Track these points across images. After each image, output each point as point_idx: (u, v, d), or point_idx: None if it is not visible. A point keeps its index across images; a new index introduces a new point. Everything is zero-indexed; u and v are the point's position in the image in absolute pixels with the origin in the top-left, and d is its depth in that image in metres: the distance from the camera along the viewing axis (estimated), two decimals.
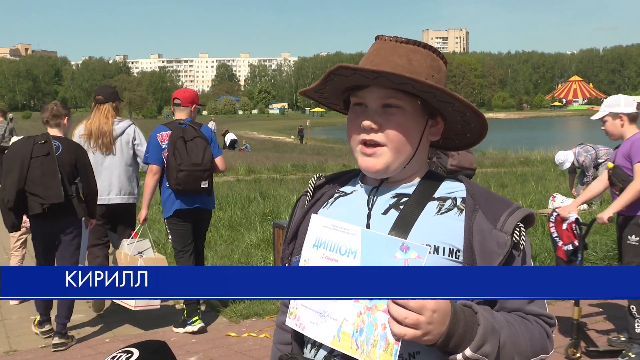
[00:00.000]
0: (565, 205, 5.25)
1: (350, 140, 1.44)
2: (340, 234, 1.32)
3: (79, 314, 5.91)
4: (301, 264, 1.38)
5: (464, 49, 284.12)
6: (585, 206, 10.56)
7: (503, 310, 1.34)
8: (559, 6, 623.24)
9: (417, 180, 1.45)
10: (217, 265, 7.35)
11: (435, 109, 1.42)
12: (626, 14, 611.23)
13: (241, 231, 9.44)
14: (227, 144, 38.02)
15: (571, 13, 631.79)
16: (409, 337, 1.17)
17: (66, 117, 5.25)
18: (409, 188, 1.43)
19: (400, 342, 1.19)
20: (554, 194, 11.04)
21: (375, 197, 1.44)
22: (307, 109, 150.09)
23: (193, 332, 5.32)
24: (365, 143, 1.39)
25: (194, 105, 5.55)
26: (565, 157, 10.59)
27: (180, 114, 5.48)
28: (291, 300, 1.39)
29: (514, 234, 1.32)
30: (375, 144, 1.38)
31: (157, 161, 5.33)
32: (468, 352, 1.21)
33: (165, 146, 5.28)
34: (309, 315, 1.34)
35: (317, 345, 1.37)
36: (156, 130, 5.41)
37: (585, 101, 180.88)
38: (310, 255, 1.37)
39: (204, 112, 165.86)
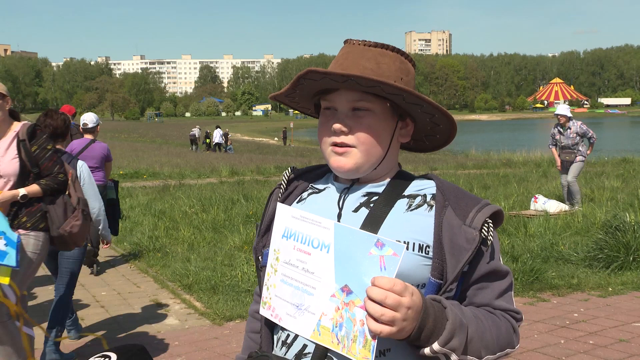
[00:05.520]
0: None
1: (321, 144, 1.46)
2: (312, 226, 1.31)
3: None
4: (270, 254, 1.39)
5: (446, 51, 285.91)
6: (566, 207, 10.68)
7: (472, 305, 1.37)
8: (538, 9, 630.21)
9: (387, 179, 1.47)
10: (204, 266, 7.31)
11: (405, 111, 1.45)
12: (604, 18, 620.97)
13: (224, 233, 9.40)
14: (214, 141, 38.11)
15: (550, 16, 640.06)
16: (385, 334, 1.18)
17: None
18: (379, 187, 1.45)
19: (377, 339, 1.19)
20: (536, 195, 11.15)
21: (346, 195, 1.46)
22: (291, 110, 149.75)
23: None
24: (336, 145, 1.41)
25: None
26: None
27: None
28: (264, 290, 1.40)
29: (482, 230, 1.33)
30: (346, 146, 1.40)
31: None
32: (436, 346, 1.23)
33: None
34: (284, 307, 1.33)
35: (288, 344, 1.38)
36: None
37: (567, 103, 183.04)
38: (280, 246, 1.36)
39: (187, 114, 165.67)
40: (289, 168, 1.62)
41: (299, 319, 1.31)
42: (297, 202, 1.52)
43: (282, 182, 1.58)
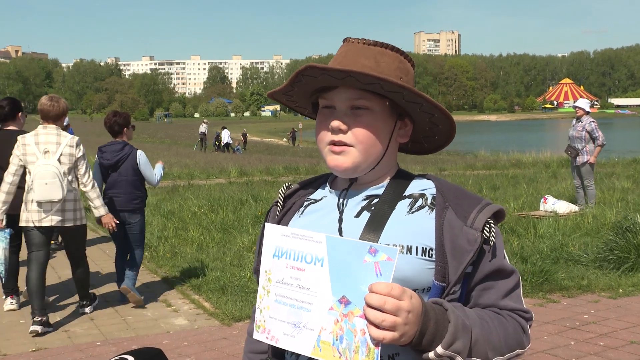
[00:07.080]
0: None
1: (318, 143, 1.43)
2: (303, 242, 1.28)
3: (69, 317, 5.88)
4: (261, 275, 1.35)
5: (455, 51, 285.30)
6: (576, 207, 10.62)
7: (477, 306, 1.35)
8: (548, 9, 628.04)
9: (386, 180, 1.44)
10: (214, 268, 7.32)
11: (404, 110, 1.42)
12: (613, 17, 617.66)
13: (233, 233, 9.42)
14: (223, 142, 38.27)
15: (560, 16, 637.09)
16: (387, 340, 1.16)
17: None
18: (379, 189, 1.43)
19: (380, 346, 1.18)
20: (546, 196, 11.09)
21: (345, 200, 1.43)
22: None
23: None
24: (334, 144, 1.39)
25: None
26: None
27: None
28: (257, 313, 1.34)
29: (484, 230, 1.32)
30: (344, 145, 1.38)
31: None
32: (439, 349, 1.21)
33: None
34: (281, 328, 1.29)
35: (297, 354, 1.35)
36: None
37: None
38: (272, 266, 1.32)
39: (196, 115, 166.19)
40: (284, 185, 1.58)
41: (297, 338, 1.27)
42: (296, 217, 1.48)
43: (279, 200, 1.55)
